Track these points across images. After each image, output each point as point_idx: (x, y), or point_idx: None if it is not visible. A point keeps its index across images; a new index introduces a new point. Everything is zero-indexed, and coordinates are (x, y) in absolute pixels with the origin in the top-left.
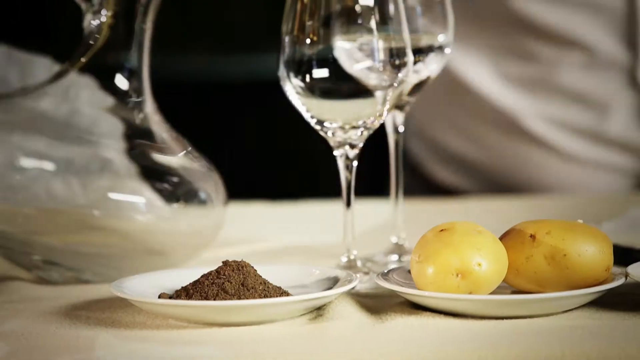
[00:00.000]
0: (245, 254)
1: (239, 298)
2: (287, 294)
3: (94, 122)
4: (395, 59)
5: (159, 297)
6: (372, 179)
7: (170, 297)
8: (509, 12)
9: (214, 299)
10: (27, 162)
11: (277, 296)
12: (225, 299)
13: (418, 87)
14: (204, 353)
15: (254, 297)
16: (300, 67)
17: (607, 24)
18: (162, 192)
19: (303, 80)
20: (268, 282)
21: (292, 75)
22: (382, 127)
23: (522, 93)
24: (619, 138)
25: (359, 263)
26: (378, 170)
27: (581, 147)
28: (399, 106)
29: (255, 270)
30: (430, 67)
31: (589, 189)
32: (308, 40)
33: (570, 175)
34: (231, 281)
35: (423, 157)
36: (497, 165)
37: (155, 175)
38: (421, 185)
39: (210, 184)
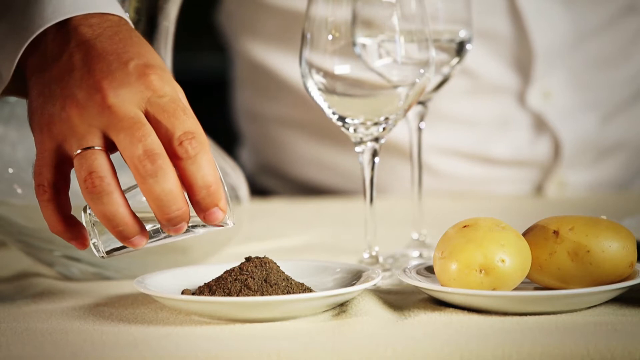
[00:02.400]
0: (267, 251)
1: (262, 294)
2: (309, 290)
3: None
4: (416, 54)
5: (182, 293)
6: None
7: (193, 294)
8: None
9: (237, 295)
10: None
11: (300, 292)
12: (248, 295)
13: (441, 83)
14: (227, 349)
15: (277, 294)
16: (322, 64)
17: (495, 50)
18: None
19: (325, 76)
20: (291, 278)
21: (313, 71)
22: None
23: None
24: (510, 157)
25: (380, 259)
26: None
27: (471, 169)
28: (421, 102)
29: (278, 267)
30: (452, 62)
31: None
32: (330, 37)
33: (463, 192)
34: (254, 277)
35: (277, 190)
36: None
37: None
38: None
39: (233, 180)
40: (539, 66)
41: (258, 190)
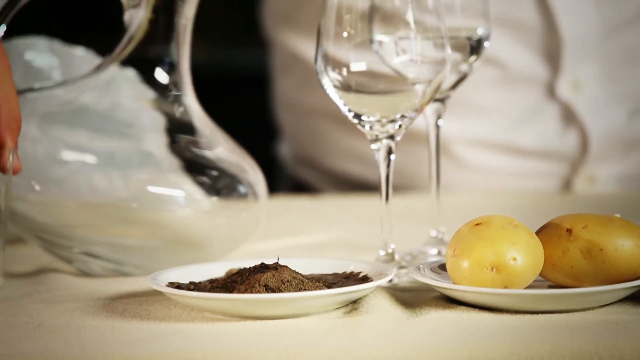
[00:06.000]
0: (283, 248)
1: (274, 291)
2: (321, 287)
3: (135, 115)
4: (433, 52)
5: (192, 289)
6: None
7: (204, 290)
8: None
9: (249, 292)
10: (68, 155)
11: (312, 289)
12: (260, 292)
13: (459, 81)
14: (239, 346)
15: (290, 291)
16: (338, 61)
17: (523, 40)
18: (202, 186)
19: (340, 73)
20: (303, 275)
21: (329, 68)
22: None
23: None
24: (539, 148)
25: (397, 257)
26: None
27: (498, 160)
28: (439, 99)
29: (291, 266)
30: (470, 60)
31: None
32: (345, 34)
33: (490, 185)
34: (266, 274)
35: (315, 182)
36: (406, 185)
37: (195, 169)
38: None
39: (251, 177)
40: (568, 56)
41: (296, 183)
